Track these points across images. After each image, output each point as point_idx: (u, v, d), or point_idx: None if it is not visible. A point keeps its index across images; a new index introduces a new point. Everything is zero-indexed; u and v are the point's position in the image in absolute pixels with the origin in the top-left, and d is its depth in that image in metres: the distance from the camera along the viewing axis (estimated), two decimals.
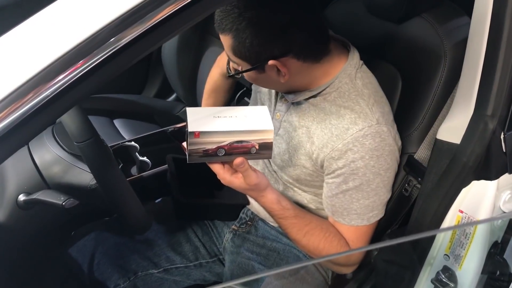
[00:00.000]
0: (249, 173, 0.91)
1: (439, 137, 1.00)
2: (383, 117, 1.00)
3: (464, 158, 0.93)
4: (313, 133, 1.03)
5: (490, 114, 0.90)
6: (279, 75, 0.97)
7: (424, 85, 1.10)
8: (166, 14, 0.62)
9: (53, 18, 0.62)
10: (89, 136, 0.93)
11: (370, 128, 0.97)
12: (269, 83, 1.04)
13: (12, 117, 0.57)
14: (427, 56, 1.11)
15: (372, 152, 0.98)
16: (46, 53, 0.59)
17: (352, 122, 0.98)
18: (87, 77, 0.60)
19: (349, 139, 0.97)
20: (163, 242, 1.27)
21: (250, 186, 0.94)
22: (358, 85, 1.02)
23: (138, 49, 0.63)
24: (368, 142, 0.97)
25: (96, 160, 0.95)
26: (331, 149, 0.99)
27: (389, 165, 1.01)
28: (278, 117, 1.12)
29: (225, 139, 0.86)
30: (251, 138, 0.87)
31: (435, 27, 1.10)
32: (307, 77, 1.01)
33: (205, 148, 0.86)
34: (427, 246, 1.04)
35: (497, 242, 1.02)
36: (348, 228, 1.06)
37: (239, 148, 0.87)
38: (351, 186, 1.00)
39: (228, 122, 0.87)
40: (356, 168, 0.98)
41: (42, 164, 1.06)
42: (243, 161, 0.89)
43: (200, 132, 0.84)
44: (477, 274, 1.00)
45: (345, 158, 0.98)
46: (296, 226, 1.04)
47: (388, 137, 0.99)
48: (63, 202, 0.95)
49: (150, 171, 1.43)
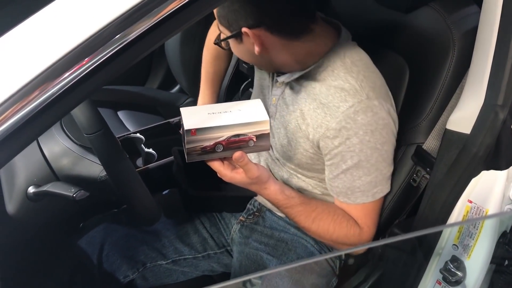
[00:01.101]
0: (250, 167, 0.91)
1: (448, 127, 1.00)
2: (374, 92, 0.99)
3: (474, 148, 0.93)
4: (306, 115, 1.04)
5: (501, 104, 0.90)
6: (254, 47, 0.98)
7: (433, 75, 1.09)
8: (172, 9, 0.62)
9: (59, 15, 0.62)
10: (99, 127, 0.93)
11: (360, 103, 0.97)
12: (248, 55, 1.04)
13: (20, 114, 0.58)
14: (435, 45, 1.10)
15: (366, 127, 0.97)
16: (52, 50, 0.59)
17: (342, 99, 0.98)
18: (93, 74, 0.60)
19: (341, 117, 0.98)
20: (172, 234, 1.27)
21: (252, 180, 0.94)
22: (347, 63, 1.01)
23: (143, 45, 0.63)
24: (360, 117, 0.97)
25: (106, 152, 0.95)
26: (326, 128, 1.00)
27: (385, 139, 1.01)
28: (274, 101, 1.13)
29: (222, 134, 0.86)
30: (248, 130, 0.87)
31: (443, 17, 1.09)
32: (288, 55, 1.01)
33: (203, 146, 0.86)
34: (436, 236, 1.04)
35: (506, 232, 1.02)
36: (355, 207, 1.05)
37: (237, 142, 0.87)
38: (351, 164, 1.00)
39: (223, 117, 0.87)
40: (352, 145, 0.98)
41: (51, 156, 1.06)
42: (242, 154, 0.89)
43: (197, 129, 0.84)
44: (485, 264, 1.00)
45: (340, 136, 0.98)
46: (304, 214, 1.04)
47: (380, 110, 0.99)
48: (73, 194, 0.95)
49: (156, 162, 1.43)
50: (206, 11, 0.67)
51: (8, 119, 0.57)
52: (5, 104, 0.57)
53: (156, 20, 0.61)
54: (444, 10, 1.10)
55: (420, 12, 1.14)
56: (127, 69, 0.64)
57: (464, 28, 1.07)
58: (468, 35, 1.04)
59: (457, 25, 1.07)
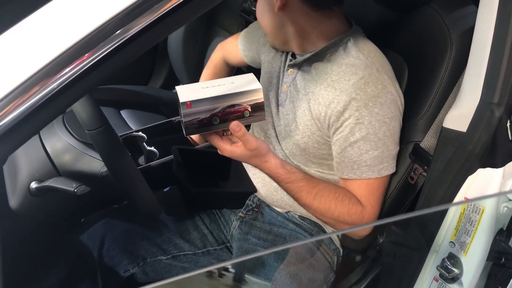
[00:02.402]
0: (248, 137, 0.93)
1: (445, 125, 1.01)
2: (383, 68, 1.04)
3: (470, 146, 0.94)
4: (318, 95, 1.06)
5: (497, 102, 0.91)
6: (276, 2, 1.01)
7: (430, 74, 1.11)
8: (173, 5, 0.63)
9: (60, 12, 0.63)
10: (100, 124, 0.94)
11: (370, 76, 1.00)
12: (267, 14, 1.08)
13: (21, 109, 0.59)
14: (433, 44, 1.11)
15: (375, 99, 1.00)
16: (53, 46, 0.60)
17: (353, 73, 1.02)
18: (93, 69, 0.61)
19: (351, 89, 1.00)
20: (172, 230, 1.29)
21: (252, 152, 0.95)
22: (359, 44, 1.06)
23: (144, 41, 0.64)
24: (370, 89, 1.00)
25: (106, 148, 0.97)
26: (337, 103, 1.02)
27: (393, 114, 1.03)
28: (284, 88, 1.16)
29: (217, 106, 0.87)
30: (242, 100, 0.89)
31: (441, 16, 1.10)
32: (304, 23, 1.05)
33: (199, 118, 0.87)
34: (433, 233, 1.05)
35: (502, 229, 1.02)
36: (360, 183, 1.06)
37: (233, 113, 0.89)
38: (358, 137, 1.02)
39: (217, 89, 0.89)
40: (361, 116, 1.00)
41: (54, 152, 1.07)
42: (239, 123, 0.90)
43: (192, 101, 0.86)
44: (482, 261, 1.01)
45: (350, 108, 1.00)
46: (305, 189, 1.05)
47: (389, 85, 1.02)
48: (75, 189, 0.97)
49: (158, 160, 1.44)
50: (206, 7, 0.68)
51: (9, 113, 0.59)
52: (6, 98, 0.58)
53: (157, 16, 0.62)
54: (442, 10, 1.11)
55: (419, 11, 1.15)
56: (129, 66, 0.65)
57: (462, 27, 1.08)
58: (465, 35, 1.05)
59: (455, 24, 1.09)
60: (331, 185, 1.09)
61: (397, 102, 1.04)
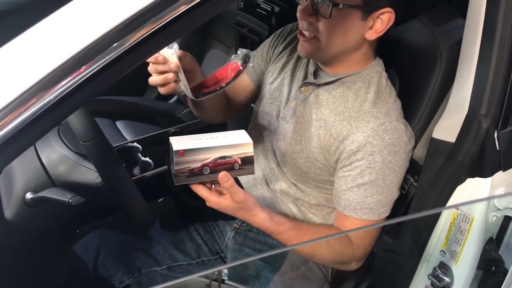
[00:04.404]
0: (235, 189, 0.93)
1: (434, 136, 1.03)
2: (401, 116, 1.05)
3: (459, 157, 0.96)
4: (331, 126, 1.05)
5: (484, 113, 0.93)
6: (370, 29, 1.00)
7: (421, 86, 1.12)
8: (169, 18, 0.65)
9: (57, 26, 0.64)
10: (95, 135, 0.96)
11: (390, 123, 1.01)
12: (349, 35, 1.01)
13: (17, 121, 0.59)
14: (423, 57, 1.13)
15: (390, 147, 1.01)
16: (50, 59, 0.61)
17: (373, 116, 1.01)
18: (90, 81, 0.62)
19: (369, 132, 1.00)
20: (166, 241, 1.29)
21: (239, 204, 0.95)
22: (382, 82, 1.06)
23: (139, 54, 0.65)
24: (387, 137, 1.00)
25: (101, 159, 0.98)
26: (351, 141, 1.02)
27: (403, 162, 1.04)
28: (293, 105, 1.13)
29: (209, 156, 0.90)
30: (233, 152, 0.92)
31: (431, 29, 1.12)
32: (359, 51, 1.05)
33: (190, 167, 0.89)
34: (424, 242, 1.07)
35: (492, 238, 1.04)
36: (358, 223, 1.06)
37: (223, 165, 0.92)
38: (367, 180, 1.02)
39: (209, 141, 0.92)
40: (374, 162, 1.01)
41: (49, 163, 1.08)
42: (227, 174, 0.91)
43: (185, 150, 0.88)
44: (472, 270, 1.03)
45: (364, 150, 1.01)
46: (295, 238, 1.05)
47: (404, 135, 1.03)
48: (69, 199, 0.98)
49: (152, 171, 1.45)
50: (201, 21, 0.70)
51: (6, 125, 0.60)
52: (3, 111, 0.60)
53: (153, 29, 0.64)
54: (432, 23, 1.13)
55: (409, 25, 1.17)
56: (125, 77, 0.66)
57: (451, 40, 1.10)
58: (454, 47, 1.07)
59: (444, 37, 1.11)
60: (321, 229, 1.09)
61: (409, 151, 1.05)
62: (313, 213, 1.18)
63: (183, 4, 0.64)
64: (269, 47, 1.25)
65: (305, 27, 1.01)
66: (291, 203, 1.18)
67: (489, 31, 0.91)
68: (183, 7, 0.64)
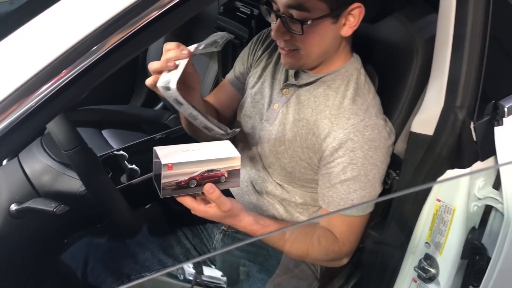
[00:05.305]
0: (222, 200, 0.93)
1: (413, 129, 1.05)
2: (380, 112, 1.07)
3: (438, 149, 0.98)
4: (313, 125, 1.07)
5: (459, 105, 0.95)
6: (344, 26, 1.01)
7: (399, 81, 1.14)
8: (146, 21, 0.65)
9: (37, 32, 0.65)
10: (76, 144, 0.96)
11: (370, 119, 1.03)
12: (326, 36, 1.03)
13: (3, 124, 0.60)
14: (400, 53, 1.15)
15: (371, 143, 1.02)
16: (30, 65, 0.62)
17: (353, 112, 1.03)
18: (71, 85, 0.63)
19: (350, 129, 1.02)
20: (155, 246, 1.30)
21: (226, 213, 0.95)
22: (361, 79, 1.08)
23: (119, 56, 0.66)
24: (368, 133, 1.02)
25: (83, 167, 0.98)
26: (333, 138, 1.03)
27: (384, 157, 1.06)
28: (276, 107, 1.14)
29: (196, 169, 0.89)
30: (221, 166, 0.91)
31: (406, 25, 1.14)
32: (339, 49, 1.06)
33: (178, 180, 0.88)
34: (409, 235, 1.08)
35: (474, 228, 1.06)
36: (343, 219, 1.08)
37: (210, 178, 0.91)
38: (350, 176, 1.04)
39: (197, 154, 0.91)
40: (355, 157, 1.02)
41: (33, 173, 1.08)
42: (212, 185, 0.91)
43: (173, 164, 0.87)
44: (456, 260, 1.04)
45: (345, 147, 1.02)
46: (281, 239, 1.06)
47: (383, 130, 1.04)
48: (54, 209, 0.98)
49: (139, 178, 1.45)
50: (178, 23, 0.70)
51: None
52: None
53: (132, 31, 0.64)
54: (407, 19, 1.15)
55: (385, 22, 1.19)
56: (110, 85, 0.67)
57: (426, 35, 1.12)
58: (429, 42, 1.08)
59: (419, 33, 1.12)
60: (307, 229, 1.10)
61: (389, 146, 1.07)
62: (299, 212, 1.19)
63: (156, 9, 0.65)
64: (248, 54, 1.27)
65: (283, 44, 1.05)
66: (277, 204, 1.19)
67: (460, 24, 0.93)
68: (156, 12, 0.66)
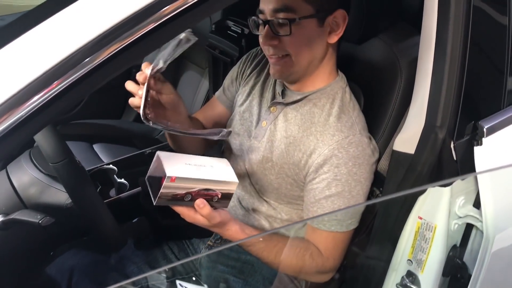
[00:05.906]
0: (212, 214, 0.94)
1: (395, 148, 1.06)
2: (364, 129, 1.09)
3: (419, 167, 1.00)
4: (299, 142, 1.09)
5: (439, 124, 0.97)
6: (329, 34, 1.06)
7: (384, 101, 1.17)
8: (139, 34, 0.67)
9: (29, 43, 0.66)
10: (64, 157, 0.97)
11: (354, 136, 1.05)
12: (313, 43, 1.06)
13: None
14: (385, 73, 1.18)
15: (355, 160, 1.04)
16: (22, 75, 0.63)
17: (338, 129, 1.06)
18: (61, 96, 0.64)
19: (334, 145, 1.04)
20: (141, 260, 1.30)
21: (214, 224, 0.97)
22: (346, 97, 1.11)
23: (110, 69, 0.67)
24: (352, 149, 1.04)
25: (70, 180, 0.99)
26: (318, 154, 1.05)
27: (368, 174, 1.08)
28: (264, 124, 1.16)
29: (195, 186, 0.91)
30: (218, 187, 0.93)
31: (391, 47, 1.17)
32: (323, 62, 1.10)
33: (175, 193, 0.90)
34: (391, 253, 1.09)
35: (455, 245, 1.07)
36: (327, 235, 1.08)
37: (205, 196, 0.93)
38: (334, 192, 1.05)
39: (199, 170, 0.93)
40: (339, 173, 1.04)
41: (20, 185, 1.09)
42: (203, 200, 0.92)
43: (177, 178, 0.88)
44: (438, 277, 1.05)
45: (330, 163, 1.04)
46: (266, 250, 1.07)
47: (367, 147, 1.07)
48: (39, 220, 0.98)
49: (128, 192, 1.46)
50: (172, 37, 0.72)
51: None
52: None
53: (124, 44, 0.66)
54: (392, 41, 1.19)
55: (371, 43, 1.22)
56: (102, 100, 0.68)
57: (410, 56, 1.15)
58: (413, 63, 1.10)
59: (403, 54, 1.16)
60: (291, 242, 1.11)
61: (373, 164, 1.09)
62: (285, 228, 1.20)
63: (152, 22, 0.67)
64: (237, 73, 1.30)
65: (272, 51, 1.06)
66: (263, 220, 1.20)
67: (440, 47, 0.95)
68: (150, 26, 0.67)
